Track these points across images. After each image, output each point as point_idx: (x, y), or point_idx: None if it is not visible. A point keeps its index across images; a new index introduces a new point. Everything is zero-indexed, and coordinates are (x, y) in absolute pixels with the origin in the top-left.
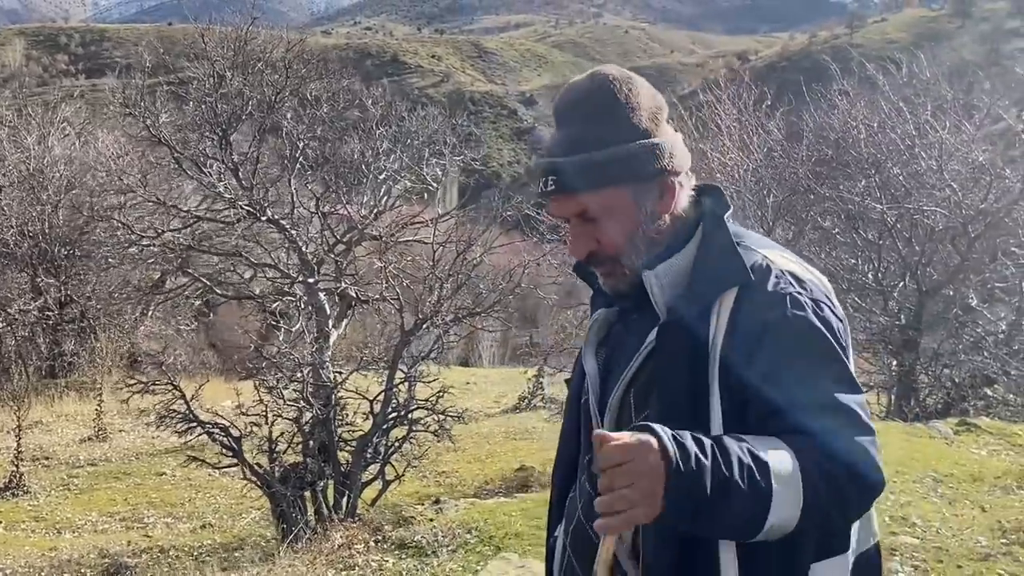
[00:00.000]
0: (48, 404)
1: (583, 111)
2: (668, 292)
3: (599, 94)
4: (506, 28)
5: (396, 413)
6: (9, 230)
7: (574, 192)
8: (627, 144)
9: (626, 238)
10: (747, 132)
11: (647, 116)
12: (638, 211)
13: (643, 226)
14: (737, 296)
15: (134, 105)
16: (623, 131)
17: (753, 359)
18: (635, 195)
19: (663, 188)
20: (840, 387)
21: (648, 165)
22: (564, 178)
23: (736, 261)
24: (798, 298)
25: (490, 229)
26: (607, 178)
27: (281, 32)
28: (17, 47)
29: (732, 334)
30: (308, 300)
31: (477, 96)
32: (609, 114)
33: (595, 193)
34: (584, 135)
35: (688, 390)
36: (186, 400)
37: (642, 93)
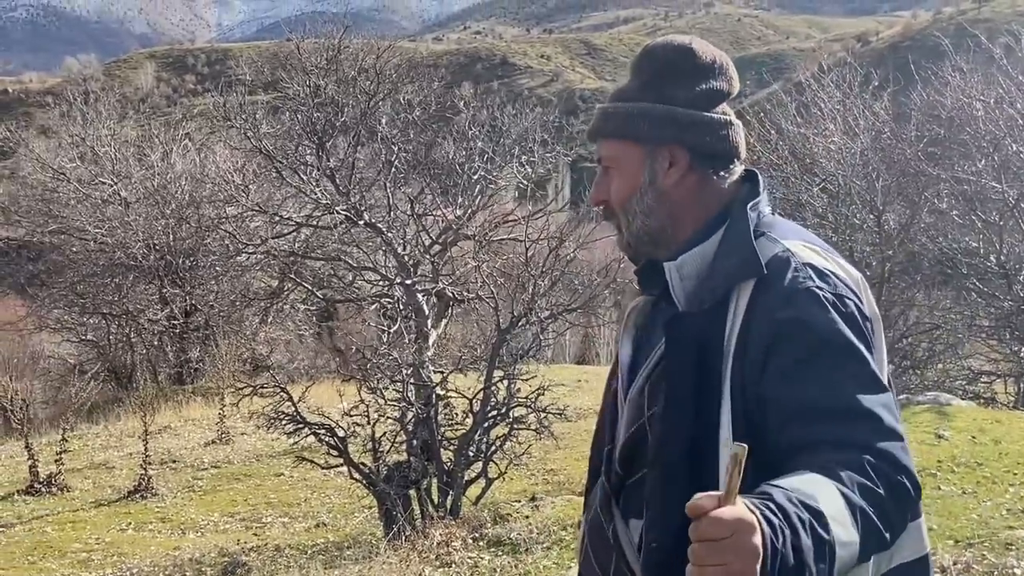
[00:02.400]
0: (176, 409)
1: (633, 69)
2: (688, 283)
3: (648, 55)
4: (615, 24)
5: (496, 411)
6: (137, 244)
7: (596, 134)
8: (650, 104)
9: (626, 197)
10: (852, 115)
11: (688, 87)
12: (643, 173)
13: (642, 190)
14: (752, 291)
15: (235, 117)
16: (652, 92)
17: (768, 359)
18: (645, 156)
19: (673, 159)
20: (862, 388)
21: (663, 129)
22: (594, 122)
23: (748, 252)
24: (816, 292)
25: (583, 224)
26: (620, 129)
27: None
28: (148, 70)
29: (746, 330)
30: (407, 301)
31: (587, 93)
32: (646, 73)
33: (608, 141)
34: (624, 88)
35: (695, 387)
36: (293, 402)
37: (696, 66)
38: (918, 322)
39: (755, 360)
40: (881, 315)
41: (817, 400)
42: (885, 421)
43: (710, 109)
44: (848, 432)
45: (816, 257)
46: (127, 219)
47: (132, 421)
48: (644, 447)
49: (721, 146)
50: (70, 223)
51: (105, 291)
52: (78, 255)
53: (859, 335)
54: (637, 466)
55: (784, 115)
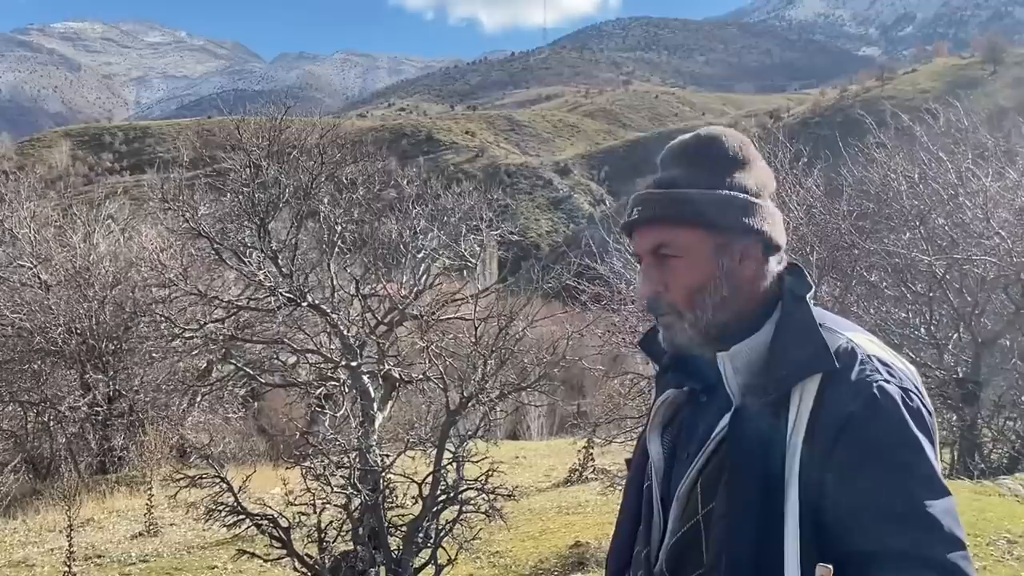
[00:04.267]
0: (99, 500)
1: (687, 156)
2: (743, 375)
3: (707, 144)
4: (537, 101)
5: (445, 495)
6: (57, 328)
7: (656, 221)
8: (722, 191)
9: (694, 289)
10: (784, 190)
11: (752, 178)
12: (714, 263)
13: (714, 282)
14: (820, 384)
15: (173, 199)
16: (721, 179)
17: (834, 453)
18: (716, 246)
19: (747, 252)
20: (928, 492)
21: (737, 219)
22: (650, 207)
23: (818, 344)
24: (886, 387)
25: (531, 301)
26: (691, 215)
27: (314, 119)
28: (63, 148)
29: (814, 426)
30: (352, 384)
31: (512, 168)
32: (712, 161)
33: (676, 228)
34: (683, 175)
35: (762, 485)
36: (233, 492)
37: (753, 157)
38: None
39: (822, 454)
40: None
41: (883, 503)
42: (950, 530)
43: (767, 200)
44: (914, 543)
45: (879, 350)
46: (47, 302)
47: (53, 514)
48: (697, 547)
49: (781, 237)
50: None
51: (22, 378)
52: None
53: (925, 432)
54: (689, 567)
55: None
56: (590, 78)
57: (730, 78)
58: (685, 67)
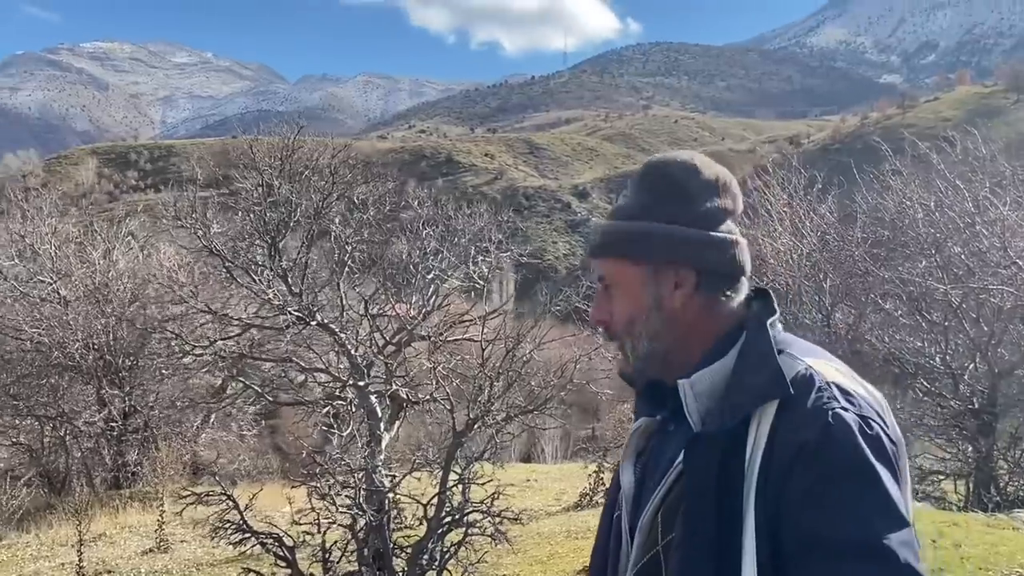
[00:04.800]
0: (112, 516)
1: (632, 185)
2: (703, 403)
3: (647, 171)
4: (556, 124)
5: (451, 517)
6: (75, 343)
7: (595, 252)
8: (652, 223)
9: (628, 318)
10: (798, 216)
11: (693, 205)
12: (645, 295)
13: (646, 312)
14: (777, 411)
15: (185, 217)
16: (655, 210)
17: (787, 481)
18: (648, 277)
19: (680, 281)
20: (883, 522)
21: (666, 250)
22: (591, 238)
23: (773, 370)
24: (842, 414)
25: (539, 324)
26: (621, 249)
27: (327, 139)
28: (90, 166)
29: (770, 454)
30: (359, 403)
31: (530, 191)
32: (649, 191)
33: (609, 261)
34: (624, 205)
35: (716, 516)
36: (239, 510)
37: (700, 184)
38: None
39: (777, 483)
40: None
41: (836, 533)
42: (906, 562)
43: (715, 228)
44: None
45: (840, 376)
46: (66, 318)
47: (65, 529)
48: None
49: (728, 265)
50: (5, 322)
51: (40, 392)
52: (12, 355)
53: (884, 461)
54: None
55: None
56: (610, 102)
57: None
58: (705, 92)
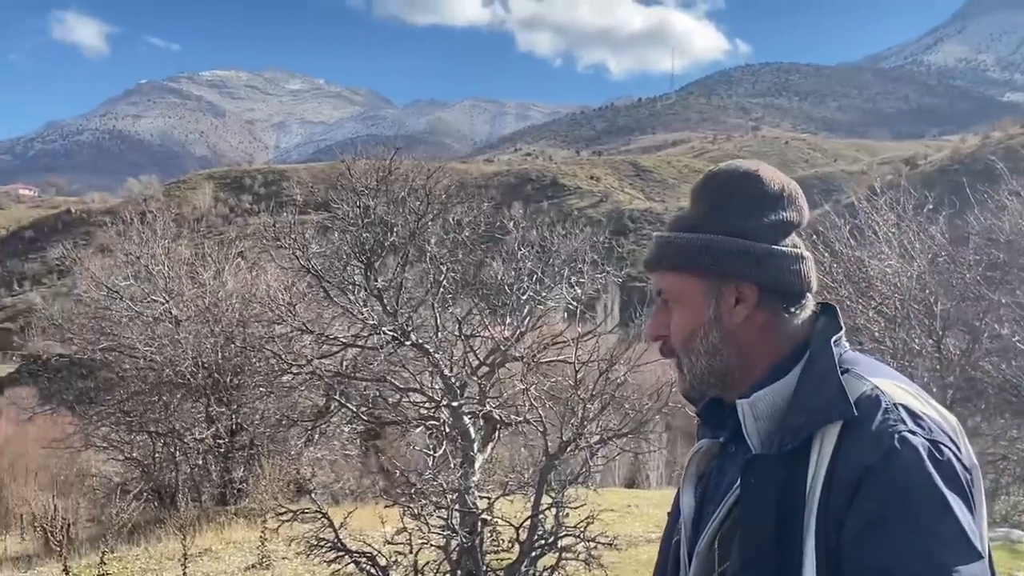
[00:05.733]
0: (218, 531)
1: (695, 195)
2: (763, 424)
3: (713, 182)
4: (663, 146)
5: (543, 540)
6: (186, 362)
7: (654, 266)
8: (714, 235)
9: (686, 334)
10: (907, 238)
11: (758, 217)
12: (705, 310)
13: (706, 328)
14: (840, 433)
15: (285, 238)
16: (717, 222)
17: (850, 509)
18: (708, 292)
19: (741, 296)
20: (953, 555)
21: (728, 264)
22: (650, 251)
23: (835, 390)
24: (909, 438)
25: (634, 345)
26: (681, 262)
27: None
28: (207, 190)
29: (832, 478)
30: (453, 424)
31: (636, 213)
32: (710, 202)
33: (668, 274)
34: (685, 217)
35: (775, 541)
36: (334, 528)
37: (765, 195)
38: (983, 453)
39: (840, 509)
40: None
41: (901, 565)
42: None
43: (780, 241)
44: None
45: (908, 398)
46: (177, 337)
47: (173, 543)
48: None
49: (792, 281)
50: (121, 340)
51: (152, 409)
52: (127, 372)
53: (955, 489)
54: None
55: (837, 237)
56: (718, 124)
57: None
58: (817, 113)
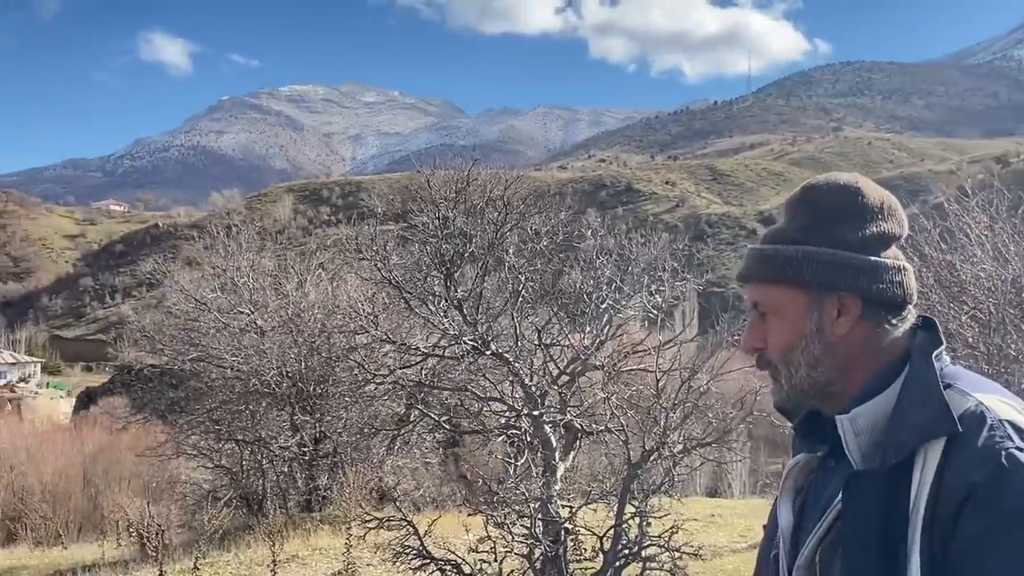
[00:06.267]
0: (304, 538)
1: (793, 208)
2: (864, 439)
3: (813, 194)
4: (740, 149)
5: (627, 550)
6: (271, 371)
7: (750, 278)
8: (817, 247)
9: (785, 347)
10: (1001, 240)
11: (858, 229)
12: (804, 321)
13: (807, 340)
14: (944, 450)
15: (366, 250)
16: (819, 234)
17: (956, 527)
18: (809, 304)
19: (844, 308)
20: None
21: (830, 276)
22: (746, 263)
23: (939, 406)
24: (1016, 455)
25: (716, 354)
26: (781, 274)
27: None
28: (286, 202)
29: (936, 495)
30: (534, 433)
31: (714, 218)
32: (810, 214)
33: (767, 286)
34: (784, 229)
35: (878, 559)
36: (419, 536)
37: (865, 207)
38: None
39: (945, 527)
40: None
41: None
42: None
43: (880, 253)
44: None
45: (1014, 413)
46: (262, 347)
47: (262, 549)
48: None
49: (894, 292)
50: (209, 351)
51: (239, 418)
52: (215, 382)
53: None
54: None
55: (927, 240)
56: (797, 126)
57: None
58: (901, 111)
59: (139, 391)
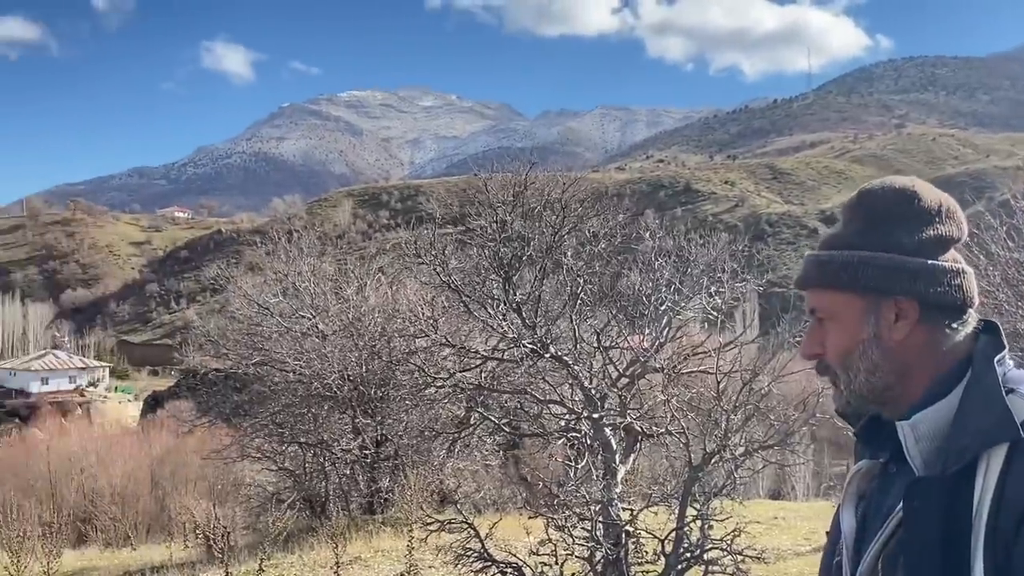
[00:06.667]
0: (367, 539)
1: (849, 212)
2: (925, 445)
3: (868, 199)
4: (800, 148)
5: (689, 553)
6: (332, 375)
7: (808, 284)
8: (873, 252)
9: (844, 352)
10: None
11: (915, 233)
12: (861, 326)
13: (865, 345)
14: (1007, 456)
15: (425, 254)
16: (875, 239)
17: (1019, 536)
18: (866, 309)
19: (901, 313)
20: None
21: (888, 280)
22: (804, 269)
23: (1000, 411)
24: None
25: (778, 355)
26: (839, 279)
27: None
28: (346, 207)
29: (999, 502)
30: (594, 435)
31: (774, 218)
32: (866, 219)
33: (824, 292)
34: (840, 234)
35: (940, 565)
36: (480, 538)
37: (922, 210)
38: None
39: (1008, 534)
40: None
41: None
42: None
43: (938, 256)
44: None
45: None
46: (324, 351)
47: (324, 551)
48: None
49: (953, 296)
50: (272, 355)
51: (302, 421)
52: (278, 386)
53: None
54: None
55: (993, 239)
56: (858, 123)
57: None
58: (966, 107)
59: (204, 395)
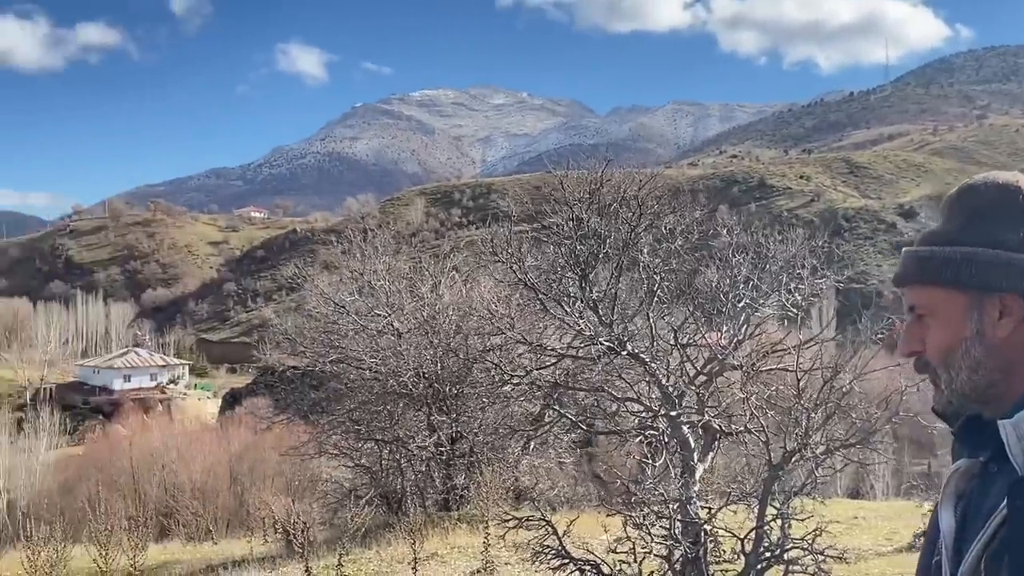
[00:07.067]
0: (443, 536)
1: (950, 208)
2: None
3: (970, 195)
4: (878, 141)
5: (769, 553)
6: (408, 372)
7: (907, 281)
8: (975, 247)
9: (945, 349)
10: None
11: (1019, 228)
12: (964, 323)
13: (967, 343)
14: None
15: (501, 252)
16: (978, 235)
17: None
18: (969, 306)
19: (1006, 309)
20: None
21: (991, 276)
22: (903, 266)
23: None
24: None
25: (860, 353)
26: (941, 276)
27: (634, 171)
28: (419, 206)
29: None
30: (672, 433)
31: (851, 212)
32: (968, 214)
33: (924, 289)
34: (941, 230)
35: None
36: (558, 536)
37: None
38: None
39: None
40: None
41: None
42: None
43: None
44: None
45: None
46: (399, 349)
47: (401, 547)
48: None
49: None
50: (348, 353)
51: (378, 418)
52: (355, 383)
53: None
54: None
55: None
56: (938, 115)
57: None
58: None
59: (281, 392)
